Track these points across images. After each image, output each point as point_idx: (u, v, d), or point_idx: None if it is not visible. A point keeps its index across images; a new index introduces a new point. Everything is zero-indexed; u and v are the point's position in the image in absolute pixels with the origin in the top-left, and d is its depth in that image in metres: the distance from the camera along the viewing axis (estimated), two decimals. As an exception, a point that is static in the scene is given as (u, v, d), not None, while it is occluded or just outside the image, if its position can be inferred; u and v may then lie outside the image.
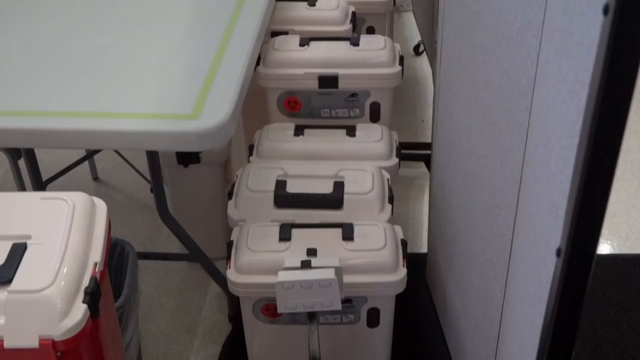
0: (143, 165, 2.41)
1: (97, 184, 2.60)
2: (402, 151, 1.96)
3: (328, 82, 1.96)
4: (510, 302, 1.24)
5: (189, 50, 1.67)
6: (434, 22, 2.13)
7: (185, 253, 1.89)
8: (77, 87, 1.55)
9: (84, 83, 1.56)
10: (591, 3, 0.64)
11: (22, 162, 2.03)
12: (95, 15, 1.83)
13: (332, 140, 1.89)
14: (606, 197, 0.66)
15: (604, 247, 2.27)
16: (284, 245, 1.56)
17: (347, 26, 2.18)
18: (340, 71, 1.95)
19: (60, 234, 1.14)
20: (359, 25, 2.38)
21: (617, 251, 2.25)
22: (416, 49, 3.34)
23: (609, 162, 0.64)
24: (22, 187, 2.21)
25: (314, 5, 2.21)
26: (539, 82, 1.00)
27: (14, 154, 2.07)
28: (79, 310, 1.06)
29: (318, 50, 2.00)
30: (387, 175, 1.77)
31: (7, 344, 1.03)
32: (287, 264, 1.49)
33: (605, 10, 0.59)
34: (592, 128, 0.63)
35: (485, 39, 1.30)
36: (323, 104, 2.00)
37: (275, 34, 2.14)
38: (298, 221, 1.63)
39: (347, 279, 1.52)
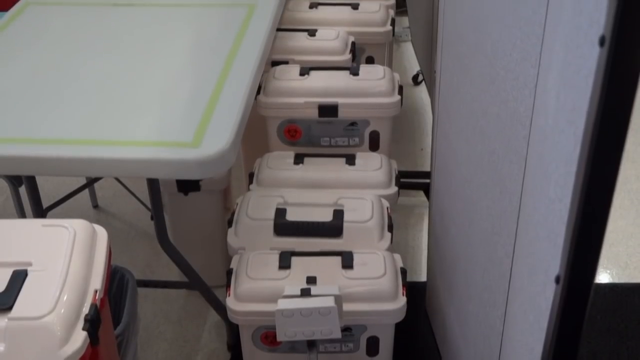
0: (143, 192, 2.41)
1: (97, 212, 2.61)
2: (402, 180, 1.97)
3: (328, 111, 1.97)
4: (509, 330, 1.24)
5: (190, 78, 1.69)
6: (432, 52, 2.15)
7: (184, 281, 1.89)
8: (78, 114, 1.56)
9: (86, 111, 1.57)
10: (588, 35, 0.65)
11: (22, 190, 2.03)
12: (97, 44, 1.85)
13: (331, 169, 1.90)
14: (604, 225, 0.67)
15: (603, 276, 2.27)
16: (283, 273, 1.56)
17: (347, 56, 2.20)
18: (340, 100, 1.97)
19: (61, 261, 1.14)
20: (359, 55, 2.40)
21: (616, 280, 2.25)
22: (415, 79, 3.36)
23: (607, 190, 0.65)
24: (22, 215, 2.21)
25: (314, 35, 2.24)
26: (537, 111, 1.01)
27: (15, 181, 2.07)
28: (79, 338, 1.06)
29: (318, 80, 2.02)
30: (386, 203, 1.78)
31: (7, 371, 1.03)
32: (287, 292, 1.49)
33: (602, 42, 0.60)
34: (589, 156, 0.64)
35: (484, 69, 1.32)
36: (323, 133, 2.01)
37: (275, 63, 2.16)
38: (298, 249, 1.63)
39: (347, 307, 1.52)
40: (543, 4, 0.96)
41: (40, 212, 1.82)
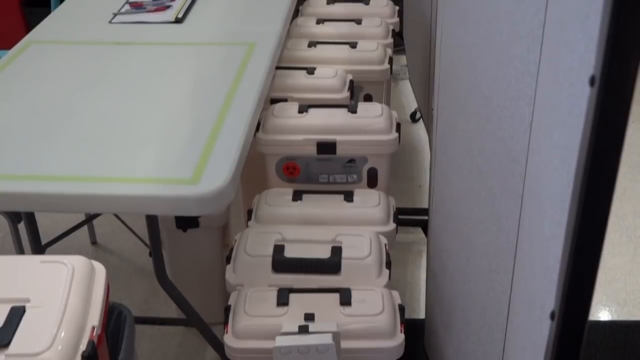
0: (142, 229, 2.42)
1: (95, 248, 2.61)
2: (400, 216, 1.97)
3: (326, 148, 1.99)
4: (508, 368, 1.24)
5: (190, 115, 1.71)
6: (430, 90, 2.17)
7: (182, 318, 1.88)
8: (78, 151, 1.57)
9: (86, 148, 1.59)
10: (579, 74, 0.66)
11: (21, 226, 2.04)
12: (98, 82, 1.87)
13: (330, 206, 1.90)
14: (597, 261, 0.68)
15: (602, 314, 2.27)
16: (281, 310, 1.56)
17: (345, 94, 2.23)
18: (338, 137, 1.99)
19: (59, 298, 1.14)
20: (357, 93, 2.43)
21: (615, 317, 2.24)
22: (413, 116, 3.39)
23: (600, 226, 0.66)
24: (21, 251, 2.22)
25: (312, 73, 2.26)
26: (532, 149, 1.02)
27: (14, 217, 2.08)
28: (76, 374, 1.06)
29: (316, 117, 2.04)
30: (384, 240, 1.78)
31: (3, 408, 1.03)
32: (285, 329, 1.48)
33: (592, 82, 0.62)
34: (581, 194, 0.65)
35: (480, 107, 1.33)
36: (321, 170, 2.02)
37: (274, 100, 2.18)
38: (296, 286, 1.63)
39: (345, 344, 1.51)
40: (537, 43, 0.98)
41: (39, 248, 1.82)
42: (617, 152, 0.62)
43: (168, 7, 2.33)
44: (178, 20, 2.23)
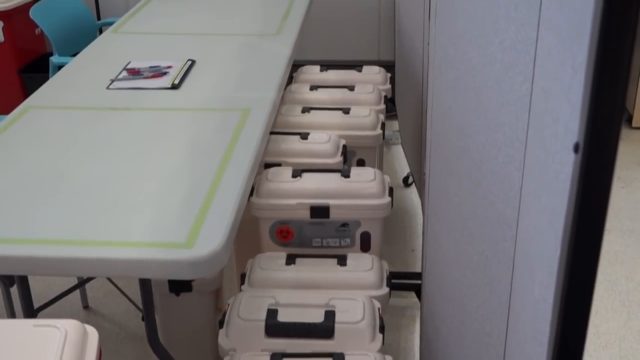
0: (134, 293, 2.41)
1: (87, 312, 2.59)
2: (393, 281, 1.98)
3: (319, 212, 2.00)
4: None
5: (185, 180, 1.73)
6: (421, 155, 2.20)
7: (174, 383, 1.86)
8: (73, 215, 1.59)
9: (80, 212, 1.60)
10: (564, 142, 0.69)
11: (13, 290, 2.03)
12: (94, 147, 1.89)
13: (323, 270, 1.91)
14: (585, 324, 0.69)
15: (597, 379, 2.25)
16: (274, 375, 1.55)
17: (338, 158, 2.26)
18: (331, 202, 2.00)
19: (52, 362, 1.14)
20: (350, 158, 2.46)
21: (611, 383, 2.22)
22: (405, 181, 3.42)
23: (587, 290, 0.67)
24: (12, 315, 2.20)
25: (306, 138, 2.30)
26: (522, 213, 1.04)
27: (6, 281, 2.07)
28: None
29: (310, 182, 2.06)
30: (377, 304, 1.78)
31: None
32: (278, 395, 1.47)
33: (576, 149, 0.64)
34: (569, 257, 0.66)
35: (471, 172, 1.36)
36: (314, 234, 2.03)
37: (268, 165, 2.21)
38: (289, 351, 1.62)
39: (338, 410, 1.50)
40: (525, 110, 1.01)
41: (31, 312, 1.81)
42: (602, 216, 0.64)
43: (165, 73, 2.37)
44: (174, 87, 2.27)
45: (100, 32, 3.70)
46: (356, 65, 2.94)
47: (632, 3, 0.57)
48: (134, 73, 2.38)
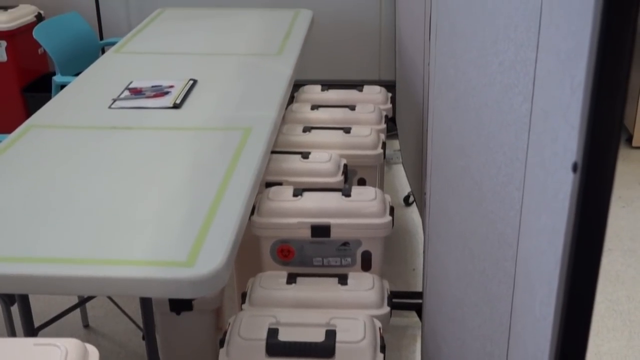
0: (134, 312, 2.41)
1: (87, 331, 2.58)
2: (394, 300, 1.97)
3: (320, 231, 2.01)
4: None
5: (186, 198, 1.73)
6: (422, 174, 2.21)
7: (174, 403, 1.86)
8: (74, 234, 1.59)
9: (82, 230, 1.60)
10: (563, 161, 0.69)
11: (13, 309, 2.03)
12: (95, 166, 1.90)
13: (324, 289, 1.91)
14: (585, 342, 0.69)
15: (599, 400, 2.24)
16: (275, 394, 1.54)
17: (339, 178, 2.26)
18: (332, 221, 2.01)
19: (52, 381, 1.14)
20: (351, 177, 2.46)
21: (613, 404, 2.21)
22: (406, 200, 3.42)
23: (586, 308, 0.68)
24: (13, 334, 2.20)
25: (307, 157, 2.30)
26: (522, 232, 1.04)
27: (7, 299, 2.07)
28: None
29: (311, 201, 2.06)
30: (378, 324, 1.78)
31: None
32: (278, 414, 1.47)
33: (574, 168, 0.65)
34: (568, 276, 0.67)
35: (471, 191, 1.36)
36: (315, 253, 2.03)
37: (269, 184, 2.21)
38: (289, 370, 1.62)
39: None
40: (525, 130, 1.01)
41: (32, 331, 1.81)
42: (600, 235, 0.64)
43: (166, 93, 2.39)
44: (176, 106, 2.29)
45: (103, 51, 3.72)
46: (357, 85, 2.95)
47: (629, 25, 0.58)
48: (136, 92, 2.40)
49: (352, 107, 2.71)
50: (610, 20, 0.59)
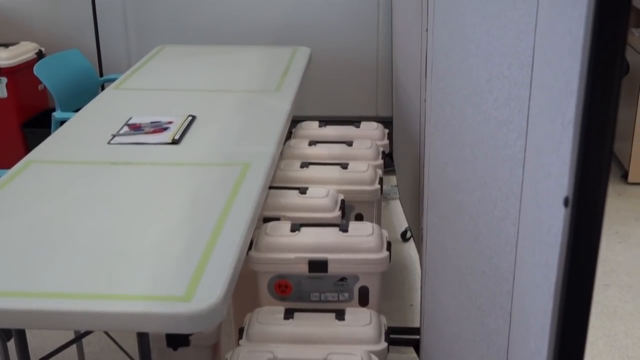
0: (131, 348, 2.40)
1: (83, 368, 2.57)
2: (391, 336, 1.97)
3: (318, 266, 2.01)
4: None
5: (184, 234, 1.74)
6: (419, 210, 2.22)
7: None
8: (71, 269, 1.59)
9: (80, 265, 1.61)
10: (555, 196, 0.71)
11: (10, 344, 2.02)
12: (94, 201, 1.91)
13: (321, 324, 1.91)
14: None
15: None
16: None
17: (337, 213, 2.27)
18: (329, 256, 2.01)
19: (48, 416, 1.13)
20: (348, 212, 2.47)
21: None
22: (404, 235, 3.43)
23: (580, 342, 0.68)
24: (8, 370, 2.18)
25: (305, 193, 2.32)
26: (518, 267, 1.05)
27: (3, 335, 2.06)
28: None
29: (308, 236, 2.07)
30: (376, 359, 1.78)
31: None
32: None
33: (566, 203, 0.66)
34: (560, 310, 0.68)
35: (468, 227, 1.37)
36: (313, 288, 2.04)
37: (267, 219, 2.22)
38: (287, 406, 1.61)
39: None
40: (519, 166, 1.03)
41: (28, 367, 1.80)
42: (591, 268, 0.65)
43: (165, 129, 2.41)
44: (175, 142, 2.30)
45: (103, 88, 3.75)
46: (354, 121, 2.98)
47: (616, 63, 0.60)
48: (135, 128, 2.42)
49: (350, 143, 2.73)
50: (599, 59, 0.61)
